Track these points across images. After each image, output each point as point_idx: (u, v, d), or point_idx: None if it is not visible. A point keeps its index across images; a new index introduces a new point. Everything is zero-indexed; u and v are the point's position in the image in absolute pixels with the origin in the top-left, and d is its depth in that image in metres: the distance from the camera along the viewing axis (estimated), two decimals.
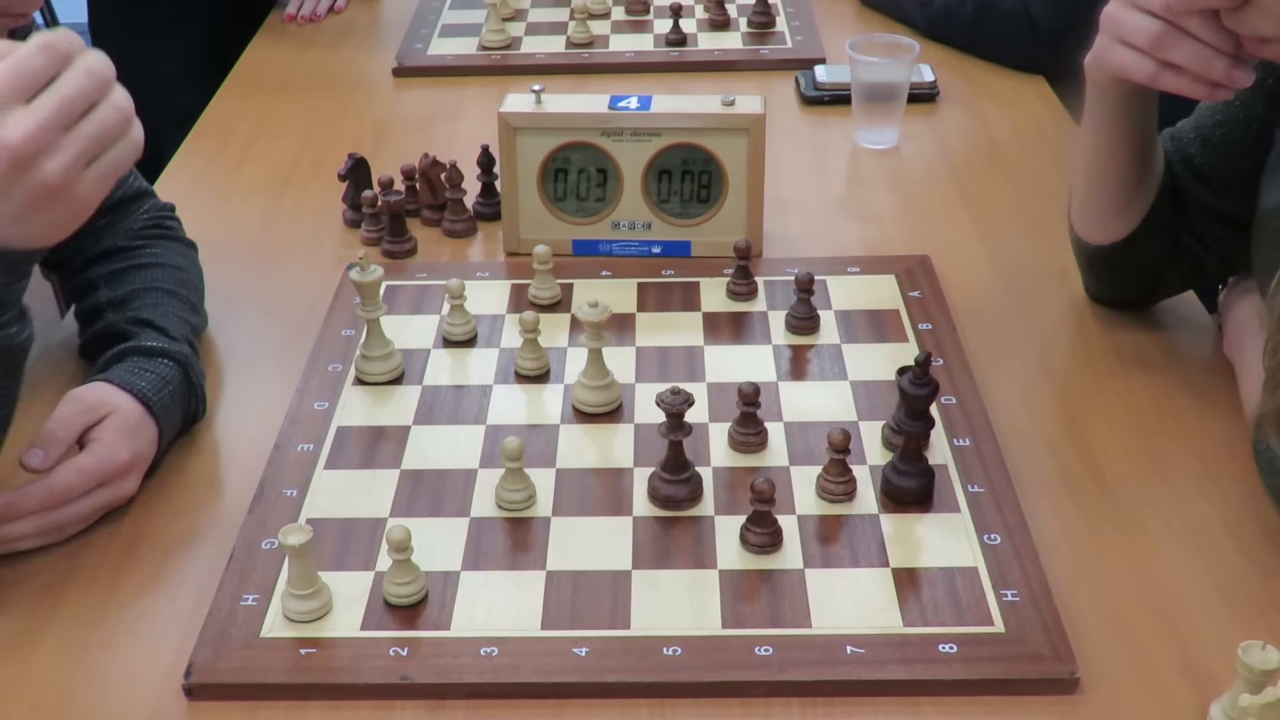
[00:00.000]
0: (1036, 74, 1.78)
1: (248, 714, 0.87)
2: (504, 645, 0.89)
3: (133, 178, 1.22)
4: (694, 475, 1.02)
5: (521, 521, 1.00)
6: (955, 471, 1.04)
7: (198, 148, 1.66)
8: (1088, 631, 0.91)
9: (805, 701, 0.86)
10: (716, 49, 1.86)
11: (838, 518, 1.00)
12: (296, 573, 0.91)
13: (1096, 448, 1.09)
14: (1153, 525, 1.01)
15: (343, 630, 0.91)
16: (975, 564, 0.95)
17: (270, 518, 1.01)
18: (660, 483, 1.01)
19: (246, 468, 1.07)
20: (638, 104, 1.32)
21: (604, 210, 1.35)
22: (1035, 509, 1.01)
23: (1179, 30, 0.96)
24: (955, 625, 0.90)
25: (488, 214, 1.45)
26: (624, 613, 0.92)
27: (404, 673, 0.88)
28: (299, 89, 1.81)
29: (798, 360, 1.19)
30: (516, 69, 1.82)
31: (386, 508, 1.02)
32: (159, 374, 1.06)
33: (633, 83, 1.78)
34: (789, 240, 1.40)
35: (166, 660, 0.90)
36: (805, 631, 0.90)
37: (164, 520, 1.03)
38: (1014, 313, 1.27)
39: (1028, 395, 1.15)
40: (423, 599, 0.93)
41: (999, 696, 0.86)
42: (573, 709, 0.87)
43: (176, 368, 1.08)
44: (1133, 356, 1.20)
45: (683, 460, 1.01)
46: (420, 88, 1.81)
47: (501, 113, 1.32)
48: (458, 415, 1.12)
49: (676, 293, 1.29)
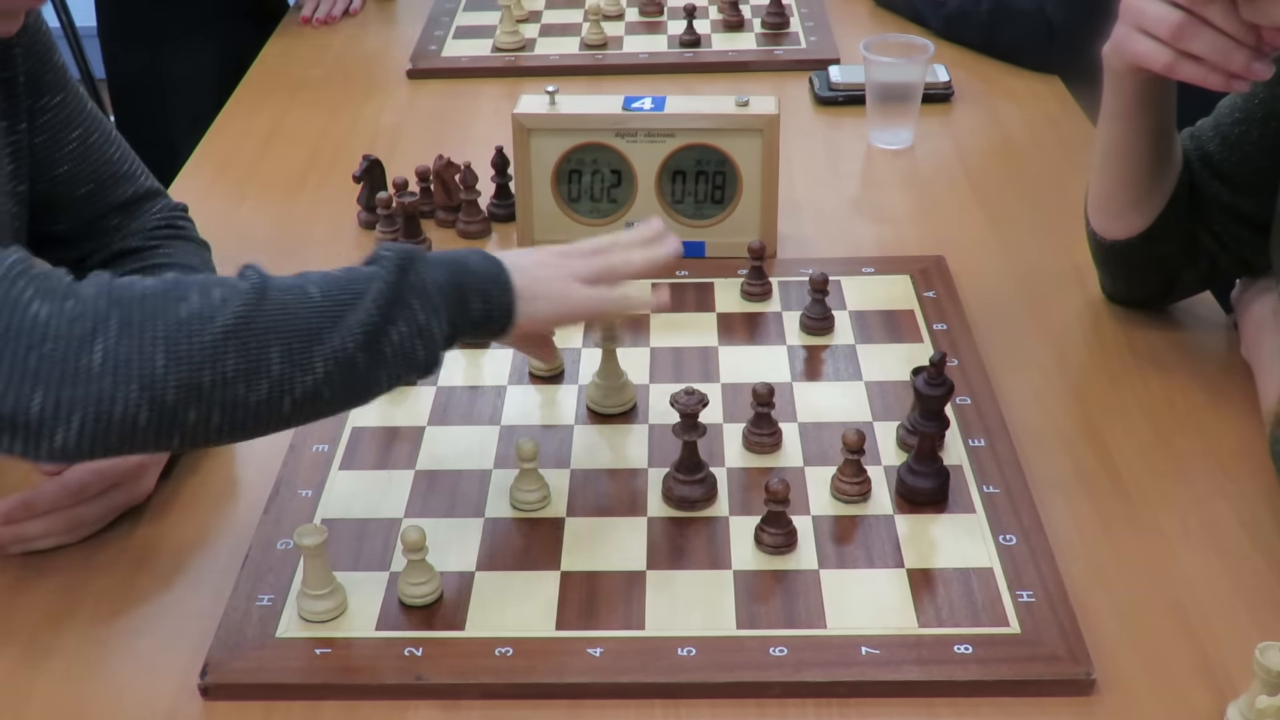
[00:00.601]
0: (1052, 74, 1.77)
1: (263, 714, 0.87)
2: (518, 645, 0.89)
3: (143, 176, 1.22)
4: (709, 476, 1.02)
5: (536, 522, 1.01)
6: (970, 472, 1.04)
7: (213, 149, 1.66)
8: (1103, 632, 0.91)
9: (820, 702, 0.86)
10: (730, 50, 1.86)
11: (852, 518, 1.00)
12: (312, 573, 0.91)
13: (1112, 448, 1.08)
14: (1169, 525, 1.00)
15: (358, 630, 0.91)
16: (990, 565, 0.95)
17: (285, 518, 1.01)
18: (675, 483, 1.01)
19: (262, 468, 1.08)
20: (652, 105, 1.32)
21: (618, 211, 1.35)
22: (1051, 510, 1.01)
23: (1199, 20, 0.95)
24: (970, 626, 0.90)
25: (502, 215, 1.45)
26: (638, 613, 0.92)
27: (419, 673, 0.88)
28: (314, 91, 1.81)
29: (812, 361, 1.19)
30: (530, 70, 1.82)
31: (401, 508, 1.02)
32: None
33: (646, 84, 1.78)
34: (803, 241, 1.39)
35: (182, 660, 0.91)
36: (820, 632, 0.90)
37: (180, 520, 1.04)
38: (1029, 313, 1.27)
39: (1043, 395, 1.15)
40: (437, 599, 0.93)
41: (1014, 698, 0.86)
42: (587, 709, 0.87)
43: None
44: (1148, 356, 1.19)
45: (697, 461, 1.01)
46: (435, 89, 1.81)
47: (516, 114, 1.32)
48: (472, 416, 1.13)
49: (691, 293, 1.29)
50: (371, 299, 0.85)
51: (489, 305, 0.92)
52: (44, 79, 1.11)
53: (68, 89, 1.15)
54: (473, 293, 0.91)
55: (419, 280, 0.88)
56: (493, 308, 0.92)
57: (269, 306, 0.83)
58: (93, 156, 1.16)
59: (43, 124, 1.12)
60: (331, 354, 0.84)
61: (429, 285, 0.88)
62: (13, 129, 1.08)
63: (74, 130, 1.15)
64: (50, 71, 1.12)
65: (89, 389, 0.78)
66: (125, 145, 1.21)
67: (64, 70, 1.15)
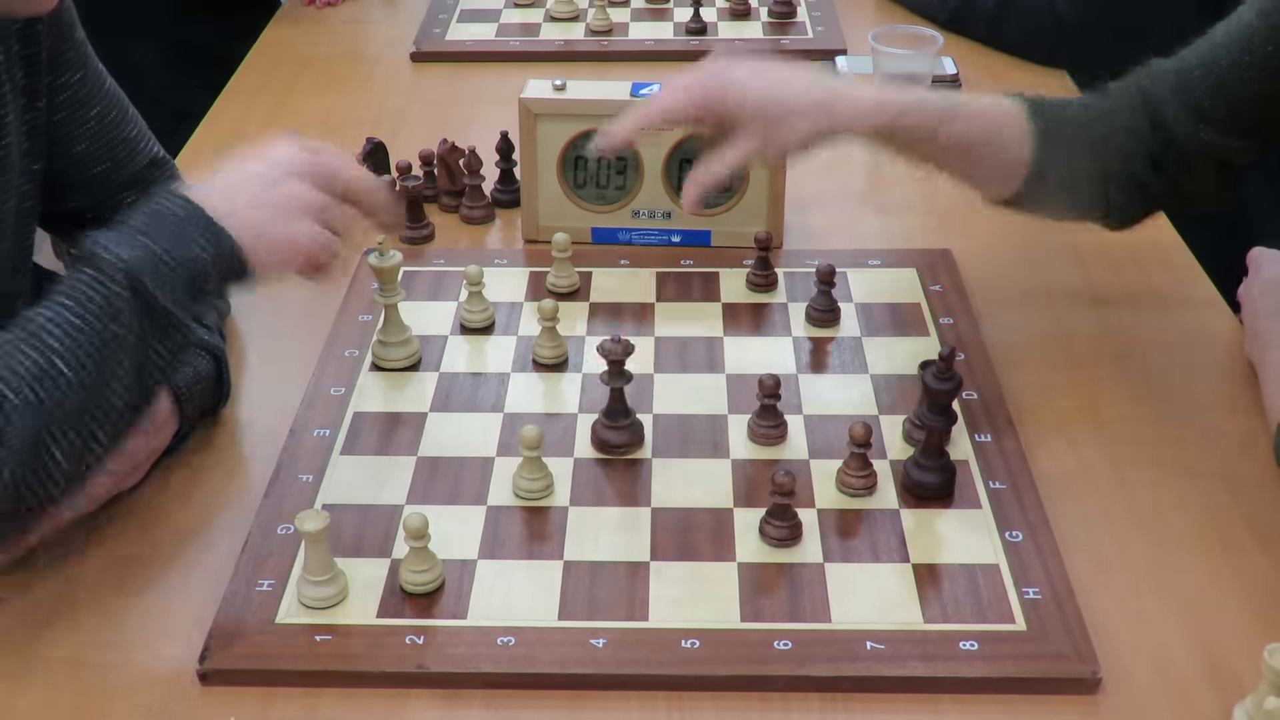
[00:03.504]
0: (1059, 68, 1.76)
1: (262, 700, 0.86)
2: (520, 635, 0.89)
3: (153, 144, 1.21)
4: (635, 422, 1.05)
5: (539, 511, 1.00)
6: (976, 467, 1.03)
7: (216, 129, 1.65)
8: (1109, 631, 0.90)
9: (824, 697, 0.86)
10: (737, 38, 1.84)
11: (858, 512, 0.99)
12: (313, 559, 0.91)
13: (1119, 445, 1.08)
14: (1176, 524, 1.00)
15: (358, 617, 0.91)
16: (996, 561, 0.94)
17: (286, 503, 1.00)
18: (602, 428, 1.05)
19: (263, 452, 1.07)
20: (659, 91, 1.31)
21: (624, 198, 1.34)
22: (1057, 506, 1.00)
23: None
24: (976, 622, 0.89)
25: (506, 201, 1.44)
26: (642, 604, 0.91)
27: (419, 661, 0.87)
28: (317, 72, 1.80)
29: (818, 353, 1.18)
30: (535, 55, 1.81)
31: (403, 495, 1.01)
32: (195, 367, 1.04)
33: (652, 71, 1.76)
34: (809, 232, 1.39)
35: (181, 645, 0.90)
36: (824, 626, 0.89)
37: (179, 504, 1.03)
38: (1035, 307, 1.26)
39: (1049, 391, 1.14)
40: (439, 587, 0.92)
41: (1020, 695, 0.86)
42: (589, 700, 0.86)
43: (212, 362, 1.07)
44: (1155, 353, 1.19)
45: (624, 407, 1.05)
46: (439, 72, 1.80)
47: (522, 99, 1.31)
48: (475, 403, 1.12)
49: (696, 283, 1.29)
50: (124, 352, 0.86)
51: (225, 278, 0.91)
52: (65, 55, 1.10)
53: (88, 66, 1.13)
54: (205, 278, 0.90)
55: (155, 303, 0.87)
56: (228, 278, 0.91)
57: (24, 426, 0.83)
58: (109, 135, 1.15)
59: (62, 101, 1.11)
60: (112, 421, 0.87)
61: (166, 301, 0.87)
62: (31, 106, 1.07)
63: (93, 109, 1.14)
64: (72, 48, 1.11)
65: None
66: (140, 121, 1.20)
67: (85, 47, 1.13)
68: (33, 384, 0.83)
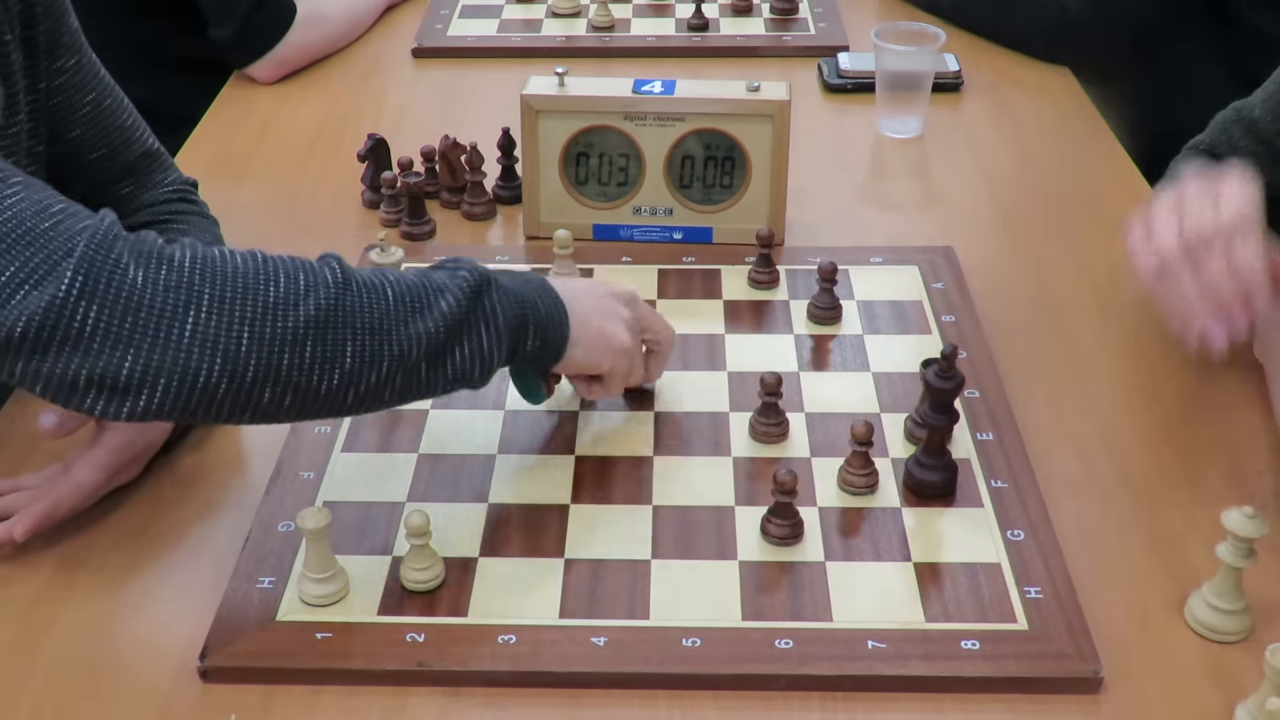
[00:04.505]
0: (1063, 64, 1.76)
1: (262, 697, 0.86)
2: (521, 633, 0.89)
3: (148, 137, 1.21)
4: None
5: (540, 509, 1.00)
6: (978, 466, 1.03)
7: (217, 126, 1.65)
8: (1111, 630, 0.90)
9: (825, 696, 0.86)
10: (739, 35, 1.84)
11: (859, 510, 0.99)
12: (314, 556, 0.90)
13: (1121, 444, 1.08)
14: (1178, 523, 1.00)
15: (359, 615, 0.90)
16: (998, 560, 0.94)
17: (287, 499, 1.00)
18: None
19: (263, 449, 1.07)
20: (661, 88, 1.31)
21: (625, 195, 1.34)
22: (1059, 505, 1.00)
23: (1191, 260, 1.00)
24: (978, 622, 0.89)
25: (507, 197, 1.44)
26: (643, 603, 0.91)
27: (420, 659, 0.87)
28: (318, 68, 1.79)
29: (819, 350, 1.18)
30: (537, 51, 1.81)
31: (404, 492, 1.01)
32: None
33: (654, 67, 1.76)
34: (811, 229, 1.38)
35: (181, 641, 0.90)
36: (826, 625, 0.89)
37: (180, 501, 1.03)
38: (1038, 305, 1.26)
39: (1051, 389, 1.14)
40: (440, 585, 0.92)
41: (1021, 695, 0.86)
42: (590, 699, 0.86)
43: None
44: (1158, 352, 1.19)
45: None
46: (440, 69, 1.80)
47: (524, 95, 1.31)
48: (476, 400, 1.11)
49: (697, 280, 1.28)
50: (441, 315, 0.89)
51: (544, 344, 0.97)
52: (61, 40, 1.11)
53: (82, 52, 1.14)
54: (533, 330, 0.95)
55: (491, 307, 0.92)
56: (546, 347, 0.97)
57: (350, 301, 0.85)
58: (105, 121, 1.15)
59: (58, 86, 1.11)
60: (399, 358, 0.87)
61: (499, 315, 0.92)
62: (33, 87, 1.07)
63: (88, 94, 1.14)
64: (67, 34, 1.12)
65: (176, 358, 0.81)
66: (135, 112, 1.20)
67: (79, 33, 1.14)
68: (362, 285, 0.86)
